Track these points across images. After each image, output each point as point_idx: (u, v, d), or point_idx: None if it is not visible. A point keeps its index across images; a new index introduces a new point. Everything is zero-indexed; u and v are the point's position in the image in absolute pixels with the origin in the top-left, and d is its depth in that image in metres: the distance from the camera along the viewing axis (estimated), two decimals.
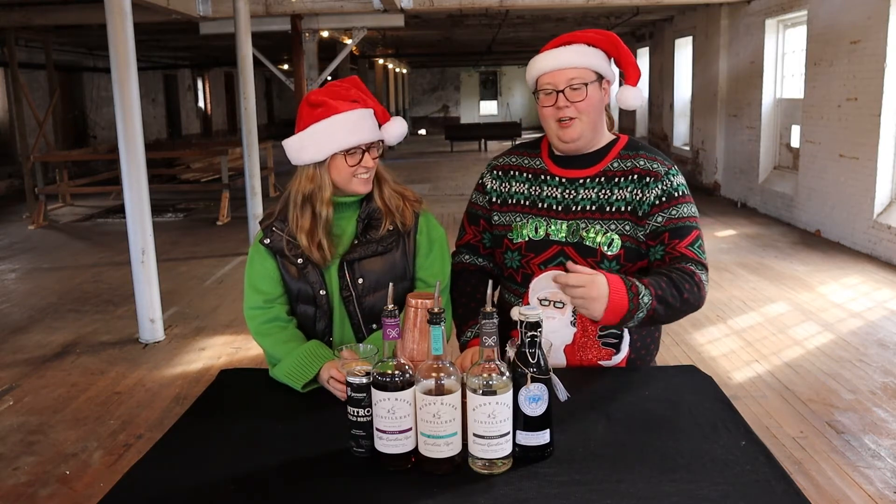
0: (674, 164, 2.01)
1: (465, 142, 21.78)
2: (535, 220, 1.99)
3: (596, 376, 1.91)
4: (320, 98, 1.91)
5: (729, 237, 8.54)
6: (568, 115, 1.91)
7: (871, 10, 7.19)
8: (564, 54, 1.92)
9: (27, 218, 10.68)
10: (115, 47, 5.10)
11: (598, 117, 1.95)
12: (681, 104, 13.68)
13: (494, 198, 2.07)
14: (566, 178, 1.99)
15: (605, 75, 1.94)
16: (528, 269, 1.98)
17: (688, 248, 1.92)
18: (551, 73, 1.92)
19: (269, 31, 10.40)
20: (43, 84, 13.68)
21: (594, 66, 1.92)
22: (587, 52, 1.92)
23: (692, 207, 1.97)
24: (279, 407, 1.78)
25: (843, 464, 3.40)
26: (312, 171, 1.93)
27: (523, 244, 1.99)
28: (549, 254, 1.96)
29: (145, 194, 5.32)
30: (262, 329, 1.98)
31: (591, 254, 1.93)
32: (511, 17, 12.57)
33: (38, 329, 5.78)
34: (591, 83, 1.91)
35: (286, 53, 14.84)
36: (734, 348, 4.92)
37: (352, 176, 1.92)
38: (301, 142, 1.92)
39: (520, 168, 2.06)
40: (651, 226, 1.93)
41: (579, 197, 1.96)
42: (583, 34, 1.95)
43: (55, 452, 3.72)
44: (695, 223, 1.96)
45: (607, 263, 1.93)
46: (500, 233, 2.05)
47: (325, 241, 1.94)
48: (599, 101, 1.94)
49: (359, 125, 1.90)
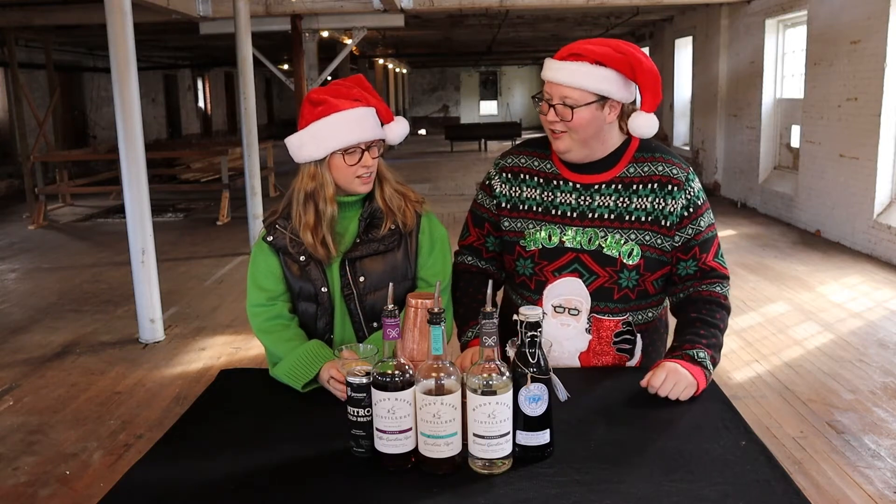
0: (689, 166, 1.98)
1: (465, 142, 21.78)
2: (549, 228, 1.93)
3: (596, 376, 1.91)
4: (322, 96, 1.91)
5: (729, 237, 8.54)
6: (558, 129, 1.87)
7: (871, 10, 7.19)
8: (565, 71, 1.83)
9: (27, 218, 10.68)
10: (115, 47, 5.10)
11: (589, 136, 1.86)
12: (681, 104, 13.69)
13: (504, 203, 2.00)
14: (580, 184, 1.93)
15: (610, 97, 1.83)
16: (542, 276, 1.94)
17: (715, 260, 1.95)
18: (550, 84, 1.88)
19: (269, 31, 10.40)
20: (43, 84, 13.68)
21: (594, 88, 1.81)
22: (590, 73, 1.81)
23: (711, 215, 1.98)
24: (279, 407, 1.78)
25: (843, 464, 3.39)
26: (313, 169, 1.92)
27: (536, 252, 1.94)
28: (564, 261, 1.92)
29: (145, 194, 5.32)
30: (265, 327, 1.98)
31: (611, 263, 1.90)
32: (511, 17, 12.57)
33: (38, 329, 5.78)
34: (586, 105, 1.82)
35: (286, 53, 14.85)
36: (734, 348, 4.92)
37: (352, 176, 1.92)
38: (301, 139, 1.92)
39: (530, 171, 1.99)
40: (682, 238, 1.91)
41: (595, 204, 1.91)
42: (595, 49, 1.82)
43: (55, 452, 3.72)
44: (715, 231, 1.97)
45: (627, 273, 1.90)
46: (512, 239, 1.99)
47: (329, 237, 1.94)
48: (593, 121, 1.84)
49: (358, 124, 1.89)
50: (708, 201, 1.98)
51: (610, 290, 1.92)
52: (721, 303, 1.93)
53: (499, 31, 15.20)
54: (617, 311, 1.94)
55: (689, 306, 1.93)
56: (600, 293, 1.92)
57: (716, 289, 1.93)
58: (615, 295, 1.92)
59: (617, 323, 1.94)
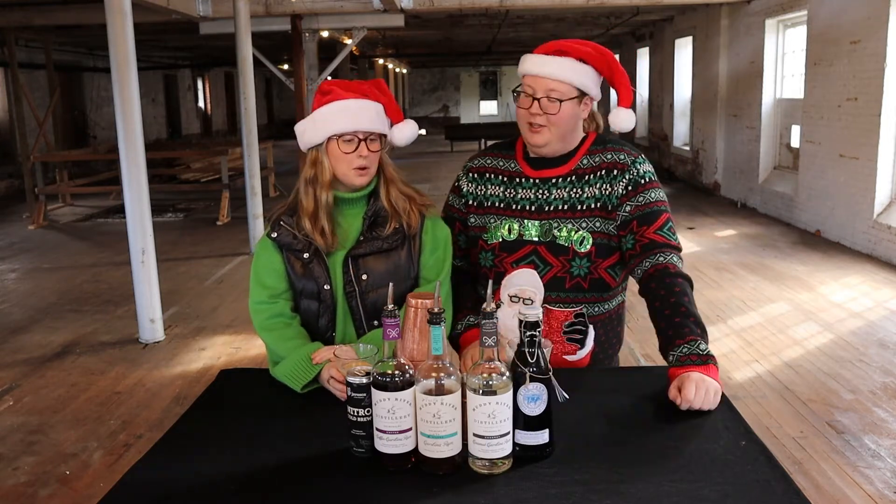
0: (640, 153, 2.03)
1: (465, 142, 21.77)
2: (509, 221, 2.03)
3: (596, 377, 1.91)
4: (331, 87, 1.97)
5: (729, 237, 8.54)
6: (538, 123, 1.94)
7: (871, 10, 7.19)
8: (552, 65, 1.93)
9: (27, 218, 10.68)
10: (115, 47, 5.10)
11: (568, 130, 1.97)
12: (681, 104, 13.68)
13: (471, 200, 2.11)
14: (539, 179, 2.03)
15: (587, 93, 1.96)
16: (501, 267, 2.02)
17: (657, 232, 1.94)
18: (534, 78, 1.95)
19: (269, 31, 10.39)
20: (43, 84, 13.67)
21: (578, 83, 1.93)
22: (575, 68, 1.92)
23: (660, 192, 1.99)
24: (279, 407, 1.78)
25: (843, 464, 3.39)
26: (314, 154, 1.98)
27: (497, 245, 2.03)
28: (522, 253, 2.01)
29: (145, 194, 5.32)
30: (266, 324, 1.99)
31: (564, 252, 1.97)
32: (511, 17, 12.57)
33: (38, 329, 5.78)
34: (569, 100, 1.93)
35: (286, 53, 14.84)
36: (734, 348, 4.93)
37: (349, 167, 1.94)
38: (305, 125, 1.98)
39: (495, 170, 2.10)
40: (621, 217, 1.96)
41: (552, 197, 2.00)
42: (579, 47, 1.94)
43: (55, 452, 3.72)
44: (663, 207, 1.97)
45: (578, 261, 1.96)
46: (476, 234, 2.09)
47: (327, 226, 1.96)
48: (573, 116, 1.96)
49: (358, 114, 1.93)
50: (658, 182, 2.01)
51: (562, 280, 1.98)
52: (670, 271, 1.88)
53: (499, 31, 15.20)
54: (569, 300, 1.98)
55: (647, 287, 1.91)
56: (553, 283, 1.98)
57: (659, 259, 1.90)
58: (567, 284, 1.98)
59: (568, 314, 1.98)
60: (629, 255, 1.97)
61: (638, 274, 1.95)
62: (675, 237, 1.97)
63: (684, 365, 1.74)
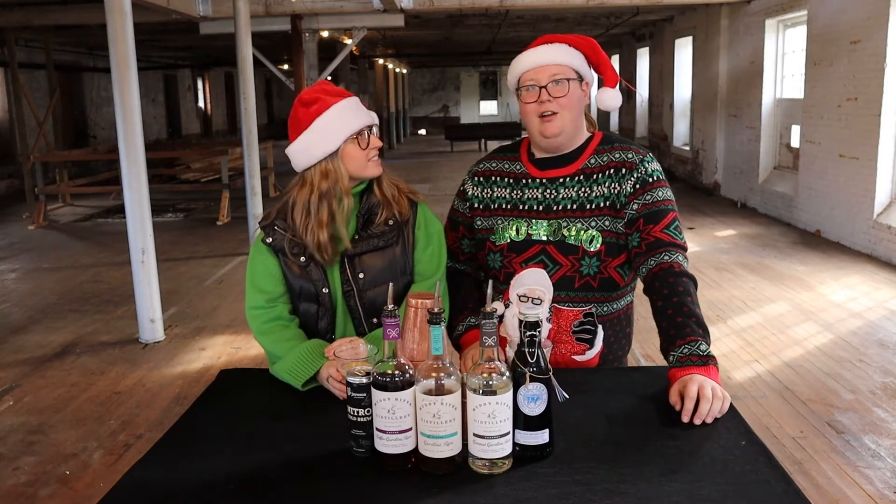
0: (648, 152, 2.04)
1: (465, 142, 21.80)
2: (517, 222, 2.03)
3: (595, 376, 1.91)
4: (313, 95, 1.94)
5: (729, 237, 8.54)
6: (550, 110, 1.95)
7: (871, 10, 7.19)
8: (550, 51, 1.97)
9: (27, 218, 10.68)
10: (115, 47, 5.10)
11: (578, 114, 2.00)
12: (681, 104, 13.68)
13: (476, 203, 2.11)
14: (546, 179, 2.03)
15: (584, 76, 2.00)
16: (511, 268, 2.02)
17: (663, 231, 1.94)
18: (534, 69, 1.97)
19: (269, 31, 10.40)
20: (43, 84, 13.68)
21: (575, 65, 1.97)
22: (569, 52, 1.97)
23: (667, 191, 1.99)
24: (279, 407, 1.78)
25: (843, 464, 3.40)
26: (326, 166, 1.92)
27: (505, 245, 2.03)
28: (531, 253, 2.01)
29: (145, 194, 5.32)
30: (264, 328, 1.98)
31: (573, 251, 1.97)
32: (511, 17, 12.57)
33: (38, 329, 5.78)
34: (573, 80, 1.96)
35: (286, 53, 14.84)
36: (734, 348, 4.93)
37: (365, 160, 1.95)
38: (307, 141, 1.92)
39: (501, 173, 2.10)
40: (628, 214, 1.96)
41: (560, 196, 2.00)
42: (564, 36, 2.00)
43: (55, 452, 3.72)
44: (670, 206, 1.98)
45: (588, 260, 1.97)
46: (483, 236, 2.09)
47: (343, 230, 1.94)
48: (580, 99, 1.99)
49: (358, 109, 1.95)
50: (666, 181, 2.01)
51: (571, 279, 1.98)
52: (675, 270, 1.88)
53: (499, 31, 15.20)
54: (578, 300, 1.98)
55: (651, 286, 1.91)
56: (562, 282, 1.98)
57: (664, 258, 1.90)
58: (576, 283, 1.98)
59: (577, 314, 1.98)
60: (635, 252, 1.97)
61: (643, 272, 1.95)
62: (681, 236, 1.97)
63: (684, 366, 1.73)
